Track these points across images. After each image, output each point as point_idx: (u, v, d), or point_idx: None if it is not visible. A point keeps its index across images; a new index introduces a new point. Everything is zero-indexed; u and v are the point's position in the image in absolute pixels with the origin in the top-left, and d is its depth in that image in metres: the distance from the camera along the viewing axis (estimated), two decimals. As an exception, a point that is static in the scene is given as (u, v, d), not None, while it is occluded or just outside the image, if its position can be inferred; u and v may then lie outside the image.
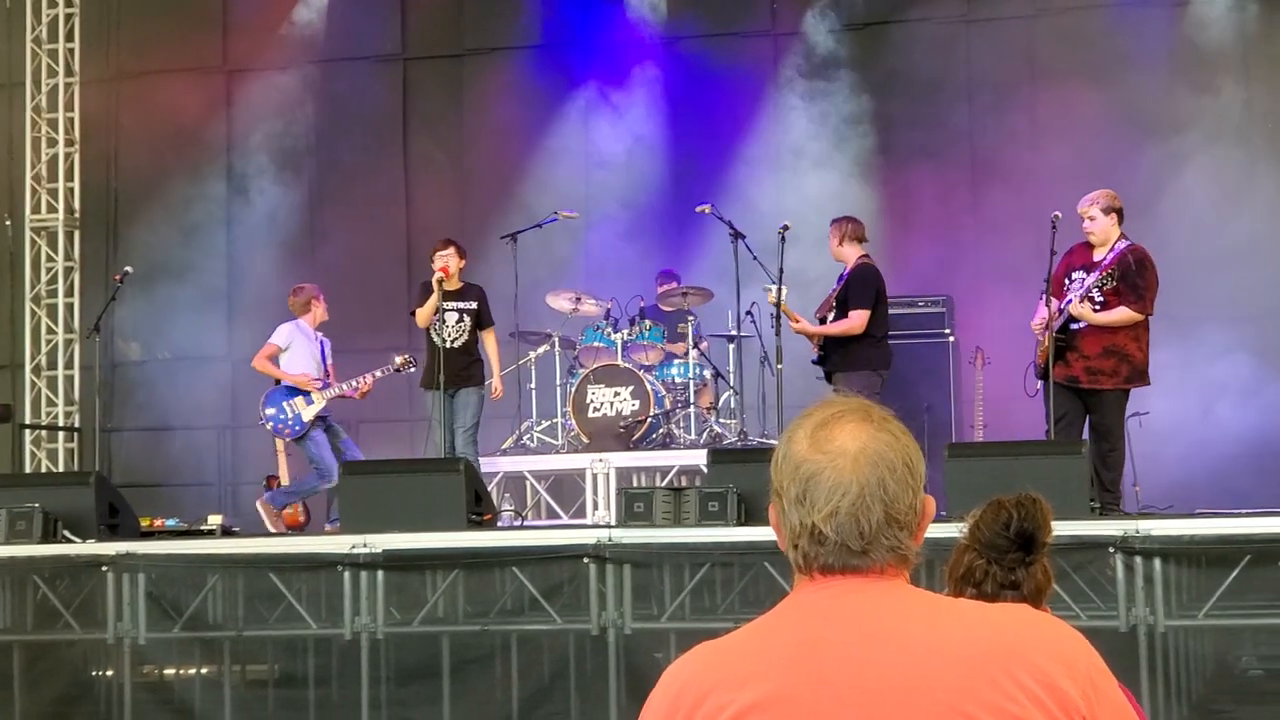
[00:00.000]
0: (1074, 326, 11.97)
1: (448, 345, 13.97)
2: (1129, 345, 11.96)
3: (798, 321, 13.63)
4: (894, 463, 2.78)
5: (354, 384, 14.55)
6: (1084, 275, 11.99)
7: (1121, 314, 11.93)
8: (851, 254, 13.42)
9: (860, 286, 13.20)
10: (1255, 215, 16.48)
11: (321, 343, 14.88)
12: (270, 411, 14.47)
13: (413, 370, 14.62)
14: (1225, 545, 10.34)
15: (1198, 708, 10.54)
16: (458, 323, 14.05)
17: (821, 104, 17.53)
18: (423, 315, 14.13)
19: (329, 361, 14.87)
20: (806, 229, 15.23)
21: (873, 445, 2.79)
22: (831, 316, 13.36)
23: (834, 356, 13.30)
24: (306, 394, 14.44)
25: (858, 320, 13.12)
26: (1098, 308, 11.94)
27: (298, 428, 14.41)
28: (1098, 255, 12.06)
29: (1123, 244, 12.06)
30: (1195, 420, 15.56)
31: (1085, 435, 12.04)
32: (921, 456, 2.84)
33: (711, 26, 18.12)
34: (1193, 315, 15.84)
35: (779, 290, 13.44)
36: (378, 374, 14.60)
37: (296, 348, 14.62)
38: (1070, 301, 11.95)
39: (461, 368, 14.03)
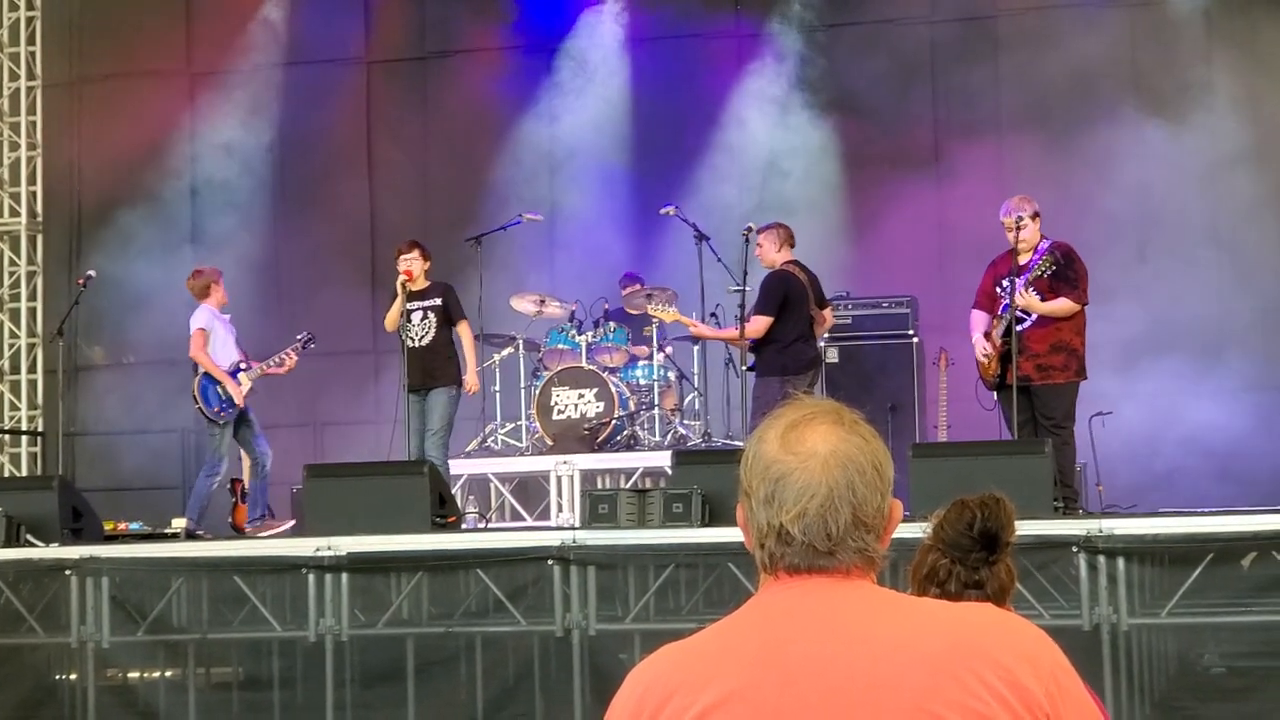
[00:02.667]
0: (1018, 329, 12.10)
1: (416, 344, 13.95)
2: (1074, 340, 12.23)
3: (696, 327, 14.15)
4: (863, 466, 2.79)
5: (277, 360, 14.66)
6: (1014, 281, 12.12)
7: (1063, 304, 12.19)
8: (780, 260, 13.54)
9: (764, 294, 13.36)
10: (1220, 210, 16.54)
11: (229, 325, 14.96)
12: (209, 397, 14.48)
13: (313, 347, 14.75)
14: (1188, 544, 10.39)
15: (1160, 706, 10.58)
16: (422, 320, 14.01)
17: (785, 105, 17.55)
18: (389, 319, 14.15)
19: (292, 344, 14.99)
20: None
21: (843, 448, 2.80)
22: None
23: (755, 361, 13.49)
24: (233, 376, 14.43)
25: (757, 325, 13.25)
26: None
27: (231, 410, 14.39)
28: (1023, 260, 12.24)
29: (1046, 242, 12.33)
30: (1158, 420, 15.62)
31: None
32: (890, 460, 2.84)
33: (676, 28, 18.12)
34: (1154, 311, 15.92)
35: (668, 307, 14.21)
36: (291, 352, 14.71)
37: (216, 332, 14.62)
38: (1006, 307, 12.11)
39: (432, 367, 13.97)
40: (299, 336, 14.88)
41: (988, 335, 12.30)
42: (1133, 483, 14.58)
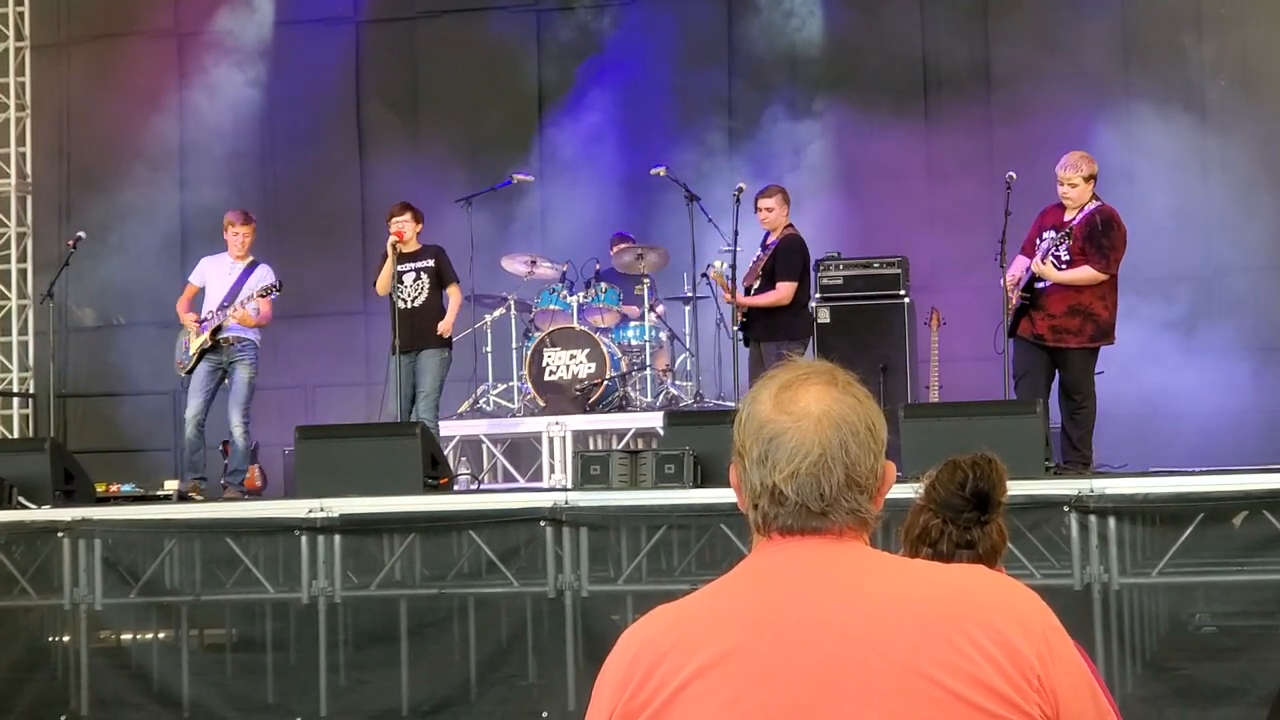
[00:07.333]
0: (1039, 285, 12.04)
1: (408, 305, 13.91)
2: (1094, 304, 12.01)
3: (737, 297, 13.99)
4: (856, 426, 2.79)
5: (226, 314, 13.97)
6: (1053, 234, 12.04)
7: (1084, 273, 11.98)
8: (782, 222, 13.79)
9: (788, 258, 13.60)
10: (1209, 176, 16.51)
11: (246, 272, 14.19)
12: (177, 345, 14.41)
13: (276, 294, 14.05)
14: (1179, 503, 10.40)
15: (1151, 665, 10.61)
16: (415, 281, 13.99)
17: (776, 63, 17.51)
18: (380, 282, 14.09)
19: (256, 289, 14.01)
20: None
21: (836, 408, 2.79)
22: (757, 286, 13.73)
23: (757, 325, 13.70)
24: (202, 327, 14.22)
25: (785, 292, 13.53)
26: (1062, 266, 12.00)
27: (183, 360, 14.30)
28: (1068, 216, 12.09)
29: (1092, 205, 12.10)
30: (1150, 379, 15.62)
31: (1054, 393, 12.15)
32: (884, 422, 2.84)
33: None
34: (1146, 273, 15.91)
35: (723, 264, 13.88)
36: (240, 306, 13.99)
37: (209, 282, 14.29)
38: (1030, 261, 12.05)
39: (423, 328, 13.91)
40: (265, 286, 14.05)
41: (1016, 281, 12.18)
42: (1124, 441, 14.57)
